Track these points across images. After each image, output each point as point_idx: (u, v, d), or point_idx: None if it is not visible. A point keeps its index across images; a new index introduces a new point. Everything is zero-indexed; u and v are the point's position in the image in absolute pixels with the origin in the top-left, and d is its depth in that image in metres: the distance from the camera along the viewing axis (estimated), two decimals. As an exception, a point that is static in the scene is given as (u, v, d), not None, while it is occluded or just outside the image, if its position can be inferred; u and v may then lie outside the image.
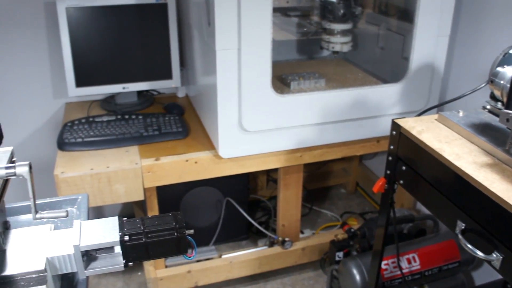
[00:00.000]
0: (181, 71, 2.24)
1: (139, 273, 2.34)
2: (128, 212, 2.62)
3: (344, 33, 2.13)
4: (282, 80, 2.02)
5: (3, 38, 2.19)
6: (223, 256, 2.17)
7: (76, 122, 1.98)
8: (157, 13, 2.14)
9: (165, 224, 0.80)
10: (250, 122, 1.71)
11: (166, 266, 2.08)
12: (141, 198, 1.79)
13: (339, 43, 2.14)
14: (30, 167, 0.72)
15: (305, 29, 2.35)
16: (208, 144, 1.87)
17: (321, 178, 2.89)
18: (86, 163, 1.75)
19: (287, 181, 2.03)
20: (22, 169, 0.72)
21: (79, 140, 1.85)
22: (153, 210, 1.89)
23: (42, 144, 2.35)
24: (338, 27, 2.13)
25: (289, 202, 2.09)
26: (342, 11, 2.11)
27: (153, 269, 2.05)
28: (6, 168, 0.71)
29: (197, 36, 1.93)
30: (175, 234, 0.80)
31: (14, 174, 0.72)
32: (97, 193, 1.73)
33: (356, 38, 2.24)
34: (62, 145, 1.84)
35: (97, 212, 2.59)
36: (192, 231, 0.83)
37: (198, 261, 2.12)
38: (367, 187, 2.88)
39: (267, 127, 1.76)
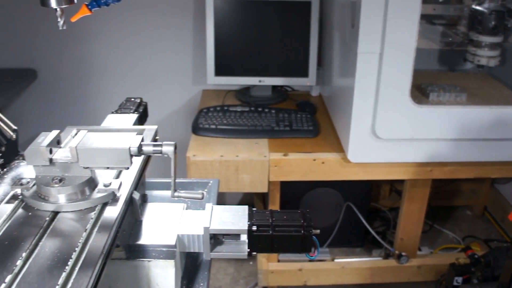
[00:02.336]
0: (318, 70, 2.25)
1: (251, 263, 2.39)
2: (248, 202, 2.67)
3: (492, 46, 2.00)
4: (420, 90, 1.94)
5: (152, 26, 2.34)
6: (336, 260, 2.15)
7: (211, 109, 2.05)
8: (300, 11, 2.16)
9: (293, 220, 0.81)
10: (384, 129, 1.67)
11: (279, 260, 2.10)
12: (265, 190, 1.82)
13: (485, 56, 2.01)
14: (175, 147, 0.76)
15: (449, 39, 2.24)
16: (337, 146, 1.85)
17: (446, 196, 2.76)
18: (217, 150, 1.81)
19: (412, 194, 1.96)
20: (168, 148, 0.75)
21: (213, 126, 1.92)
22: (275, 204, 1.92)
23: (177, 126, 2.48)
24: (486, 39, 2.00)
25: (411, 216, 2.02)
26: (493, 23, 1.98)
27: (266, 261, 2.08)
28: (154, 145, 0.75)
29: (338, 36, 1.91)
30: (302, 231, 0.80)
31: (160, 152, 0.76)
32: (224, 179, 1.78)
33: (505, 52, 2.10)
34: (196, 129, 1.92)
35: (218, 197, 2.67)
36: (318, 231, 0.82)
37: (310, 260, 2.12)
38: (496, 213, 2.70)
39: (400, 137, 1.71)
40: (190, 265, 0.91)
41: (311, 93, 2.40)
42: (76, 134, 0.88)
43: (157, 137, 0.91)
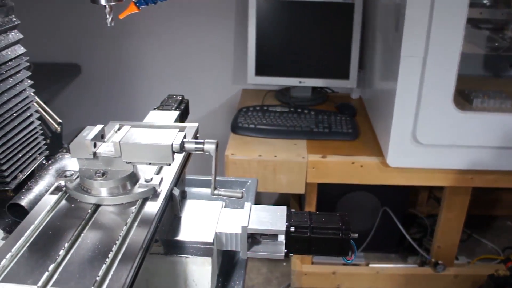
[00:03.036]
0: (359, 72, 2.23)
1: (284, 264, 2.38)
2: (283, 203, 2.66)
3: (541, 53, 1.96)
4: (464, 95, 1.90)
5: (195, 25, 2.36)
6: (370, 265, 2.13)
7: (251, 109, 2.06)
8: (343, 13, 2.14)
9: (332, 223, 0.80)
10: (425, 134, 1.64)
11: (313, 263, 2.09)
12: (302, 191, 1.82)
13: (534, 63, 1.96)
14: (217, 146, 0.76)
15: (496, 44, 2.19)
16: (376, 149, 1.83)
17: (487, 205, 2.69)
18: (255, 149, 1.81)
19: (451, 201, 1.92)
20: (209, 146, 0.76)
21: (252, 126, 1.93)
22: (311, 206, 1.91)
23: (216, 125, 2.50)
24: (535, 45, 1.96)
25: (449, 224, 1.98)
26: (542, 29, 1.94)
27: (300, 262, 2.07)
28: (196, 143, 0.76)
29: (380, 39, 1.89)
30: (340, 235, 0.79)
31: (202, 150, 0.76)
32: (261, 179, 1.78)
33: (554, 60, 2.05)
34: (236, 128, 1.93)
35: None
36: (356, 235, 0.81)
37: (344, 264, 2.11)
38: (539, 225, 2.63)
39: (441, 142, 1.68)
40: (227, 263, 0.91)
41: (351, 95, 2.38)
42: (118, 129, 0.89)
43: (197, 135, 0.92)
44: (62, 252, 0.64)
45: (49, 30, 2.43)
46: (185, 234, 0.82)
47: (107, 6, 0.75)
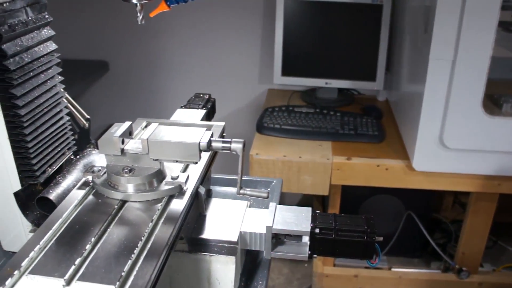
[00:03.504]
0: (385, 74, 2.21)
1: (306, 265, 2.38)
2: (306, 204, 2.65)
3: None
4: (493, 100, 1.87)
5: (223, 24, 2.37)
6: (393, 269, 2.11)
7: (277, 109, 2.06)
8: (371, 14, 2.13)
9: (357, 226, 0.79)
10: (452, 139, 1.62)
11: (335, 265, 2.08)
12: (326, 193, 1.81)
13: None
14: (244, 145, 0.76)
15: (527, 49, 2.16)
16: (402, 153, 1.82)
17: (513, 212, 2.65)
18: (280, 149, 1.81)
19: (477, 207, 1.89)
20: (236, 146, 0.76)
21: (277, 126, 1.92)
22: (335, 208, 1.90)
23: (241, 124, 2.50)
24: None
25: (475, 231, 1.95)
26: None
27: (321, 264, 2.06)
28: (223, 142, 0.76)
29: (409, 41, 1.88)
30: (365, 238, 0.78)
31: (229, 149, 0.76)
32: (285, 179, 1.78)
33: None
34: (261, 128, 1.93)
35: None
36: (381, 238, 0.81)
37: (366, 267, 2.09)
38: None
39: (469, 147, 1.66)
40: (250, 263, 0.91)
41: (378, 97, 2.36)
42: (145, 126, 0.90)
43: (224, 134, 0.92)
44: (88, 247, 0.64)
45: (77, 27, 2.46)
46: (209, 232, 0.82)
47: (138, 5, 0.76)
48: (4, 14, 0.74)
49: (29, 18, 0.80)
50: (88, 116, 1.04)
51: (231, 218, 0.85)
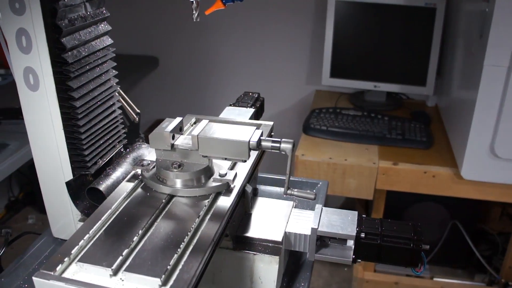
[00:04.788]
0: (436, 79, 2.16)
1: (345, 269, 2.36)
2: (349, 208, 2.63)
3: None
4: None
5: (273, 24, 2.38)
6: (435, 279, 2.07)
7: (324, 111, 2.05)
8: (424, 17, 2.09)
9: (403, 232, 0.78)
10: (504, 148, 1.57)
11: (375, 270, 2.05)
12: (370, 197, 1.79)
13: None
14: (293, 145, 0.76)
15: None
16: (451, 160, 1.78)
17: None
18: (326, 151, 1.80)
19: (527, 220, 1.84)
20: (286, 146, 0.76)
21: (324, 128, 1.91)
22: (378, 213, 1.88)
23: (288, 124, 2.50)
24: None
25: (523, 244, 1.90)
26: None
27: (362, 269, 2.04)
28: (272, 141, 0.76)
29: (462, 46, 1.83)
30: (411, 245, 0.77)
31: (278, 149, 0.76)
32: (330, 182, 1.75)
33: None
34: (307, 129, 1.93)
35: (319, 199, 2.66)
36: (428, 246, 0.79)
37: (407, 275, 2.06)
38: None
39: (521, 158, 1.61)
40: (292, 264, 0.91)
41: (427, 103, 2.31)
42: (195, 122, 0.91)
43: (272, 133, 0.92)
44: (136, 239, 0.65)
45: (129, 23, 2.50)
46: (254, 231, 0.83)
47: (194, 2, 0.76)
48: (65, 8, 0.76)
49: (88, 13, 0.82)
50: (138, 111, 1.06)
51: (276, 218, 0.85)
